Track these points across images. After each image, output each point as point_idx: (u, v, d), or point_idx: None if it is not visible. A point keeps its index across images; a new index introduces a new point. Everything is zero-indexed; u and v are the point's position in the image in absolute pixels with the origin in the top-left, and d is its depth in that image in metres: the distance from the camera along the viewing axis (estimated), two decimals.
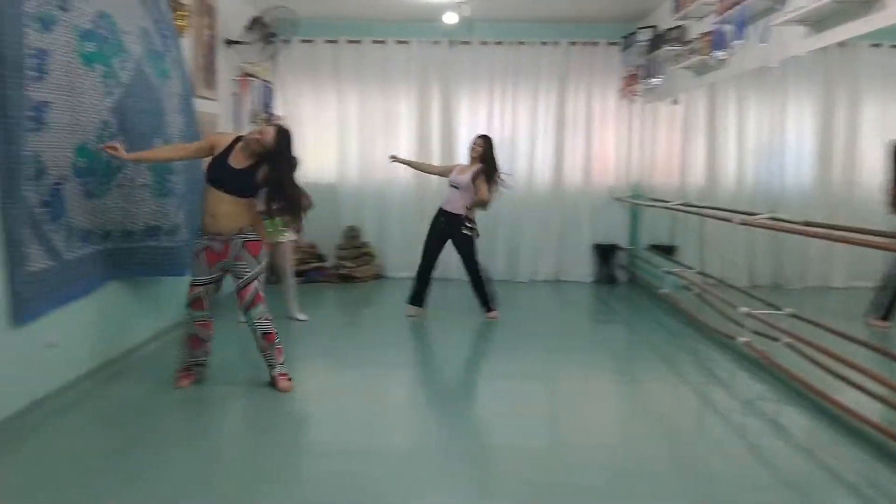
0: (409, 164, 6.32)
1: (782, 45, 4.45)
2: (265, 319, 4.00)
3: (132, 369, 4.39)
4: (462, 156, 7.30)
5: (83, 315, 4.06)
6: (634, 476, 3.06)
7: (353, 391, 4.24)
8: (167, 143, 4.52)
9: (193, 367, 4.08)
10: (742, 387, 4.37)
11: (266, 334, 4.01)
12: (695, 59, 5.65)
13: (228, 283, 4.10)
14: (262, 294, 3.99)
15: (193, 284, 3.97)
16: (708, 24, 5.50)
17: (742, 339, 4.62)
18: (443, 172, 6.15)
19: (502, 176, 5.86)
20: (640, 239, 7.74)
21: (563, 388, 4.40)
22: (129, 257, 4.41)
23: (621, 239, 7.95)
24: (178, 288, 4.62)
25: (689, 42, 5.93)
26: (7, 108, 3.25)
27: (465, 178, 5.76)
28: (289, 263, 5.71)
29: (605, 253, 7.89)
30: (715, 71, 5.57)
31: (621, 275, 7.94)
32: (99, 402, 3.86)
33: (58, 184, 3.63)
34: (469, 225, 5.77)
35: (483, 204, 5.75)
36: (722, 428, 3.81)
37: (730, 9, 4.90)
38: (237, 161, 3.86)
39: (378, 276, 7.85)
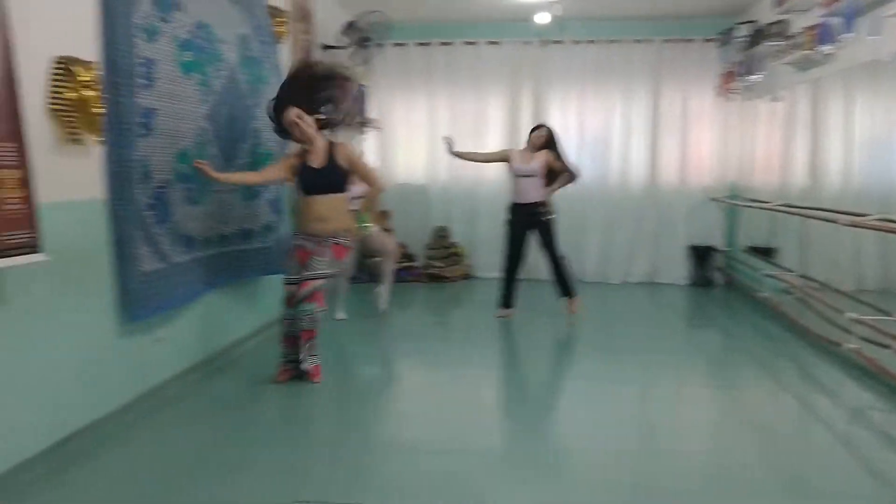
0: (463, 155, 6.07)
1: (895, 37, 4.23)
2: (312, 319, 4.08)
3: (233, 364, 4.58)
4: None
5: (188, 311, 4.25)
6: (731, 485, 2.97)
7: (442, 390, 4.29)
8: (256, 148, 4.69)
9: (291, 364, 4.21)
10: (848, 395, 4.18)
11: (307, 330, 4.08)
12: (798, 54, 5.43)
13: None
14: (321, 295, 4.09)
15: (286, 283, 4.13)
16: (813, 18, 5.27)
17: (849, 346, 4.40)
18: (501, 158, 6.01)
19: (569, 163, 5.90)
20: (738, 240, 7.49)
21: (656, 392, 4.31)
22: (228, 262, 4.57)
23: (717, 240, 7.71)
24: (274, 285, 4.78)
25: (792, 36, 5.70)
26: (121, 114, 3.44)
27: (536, 164, 5.75)
28: (390, 263, 5.83)
29: (700, 255, 7.67)
30: (820, 66, 5.34)
31: (717, 277, 7.71)
32: (201, 395, 4.05)
33: (161, 187, 3.81)
34: (549, 209, 5.79)
35: (573, 178, 5.88)
36: (826, 438, 3.64)
37: (837, 1, 4.68)
38: (317, 161, 4.11)
39: (467, 276, 7.89)
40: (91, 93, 3.15)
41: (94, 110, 3.18)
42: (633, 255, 7.81)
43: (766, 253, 6.66)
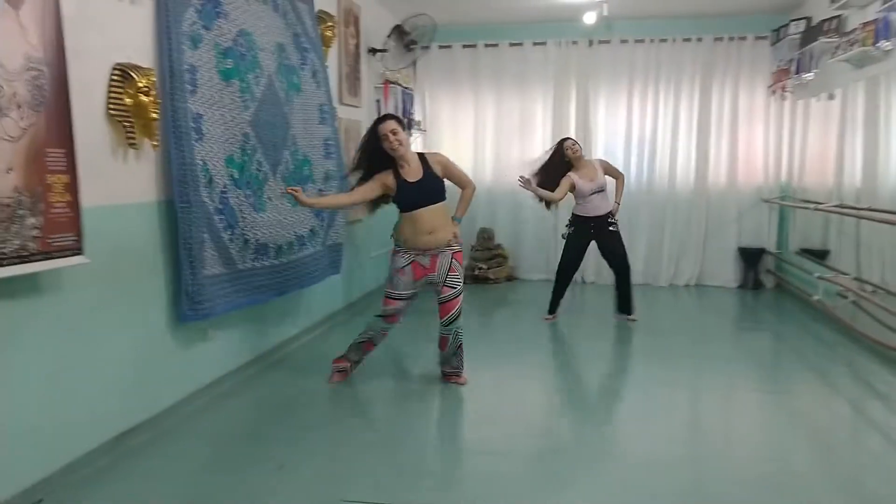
0: (536, 192, 5.60)
1: None
2: (461, 330, 4.14)
3: (284, 362, 4.65)
4: (602, 154, 7.25)
5: (241, 310, 4.32)
6: (784, 492, 2.91)
7: (492, 392, 4.30)
8: (295, 154, 4.68)
9: (352, 367, 4.29)
10: None
11: (461, 344, 4.17)
12: (855, 50, 5.30)
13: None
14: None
15: (394, 298, 4.08)
16: (872, 13, 5.14)
17: None
18: (571, 188, 5.70)
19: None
20: (789, 242, 7.33)
21: (705, 396, 4.25)
22: (293, 269, 4.62)
23: (768, 242, 7.56)
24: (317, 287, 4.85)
25: (849, 33, 5.56)
26: (178, 118, 3.53)
27: (601, 177, 5.75)
28: None
29: (750, 257, 7.53)
30: (878, 63, 5.20)
31: (768, 280, 7.56)
32: (254, 391, 4.13)
33: (224, 192, 3.89)
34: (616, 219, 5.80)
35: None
36: (882, 445, 3.54)
37: None
38: (412, 175, 4.01)
39: (511, 278, 7.88)
40: (147, 98, 3.23)
41: (151, 115, 3.27)
42: (681, 257, 7.71)
43: (819, 255, 6.50)
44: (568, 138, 5.93)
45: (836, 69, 5.92)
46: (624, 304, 5.85)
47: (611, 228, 5.74)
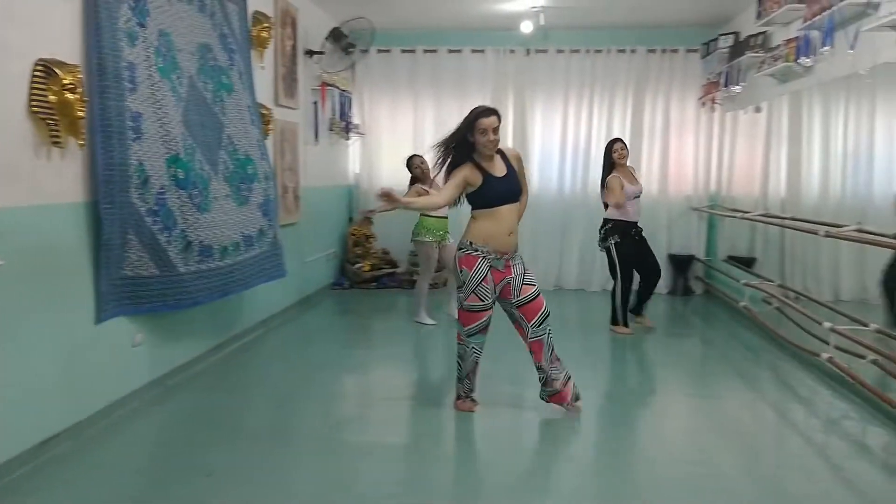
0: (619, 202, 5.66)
1: (873, 51, 4.29)
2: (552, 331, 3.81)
3: (215, 367, 4.55)
4: (538, 161, 7.33)
5: (175, 314, 4.20)
6: (710, 494, 2.99)
7: (422, 395, 4.29)
8: (239, 155, 4.58)
9: (471, 393, 3.93)
10: (824, 405, 4.22)
11: (552, 345, 3.80)
12: (779, 65, 5.50)
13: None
14: None
15: (483, 310, 3.70)
16: (794, 30, 5.34)
17: (825, 356, 4.45)
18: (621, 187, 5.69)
19: None
20: (718, 250, 7.56)
21: (634, 401, 4.33)
22: (238, 271, 4.53)
23: (698, 250, 7.78)
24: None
25: (774, 48, 5.77)
26: (109, 117, 3.42)
27: (641, 181, 5.98)
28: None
29: (680, 264, 7.73)
30: (800, 78, 5.41)
31: (697, 287, 7.78)
32: (184, 396, 4.02)
33: (161, 193, 3.78)
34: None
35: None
36: (803, 447, 3.68)
37: (818, 14, 4.75)
38: (498, 170, 3.70)
39: (448, 283, 7.88)
40: (73, 96, 3.12)
41: (77, 113, 3.16)
42: None
43: (746, 262, 6.72)
44: (618, 140, 5.92)
45: (762, 83, 6.14)
46: (642, 303, 5.99)
47: (643, 233, 5.87)
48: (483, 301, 3.66)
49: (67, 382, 3.33)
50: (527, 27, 6.93)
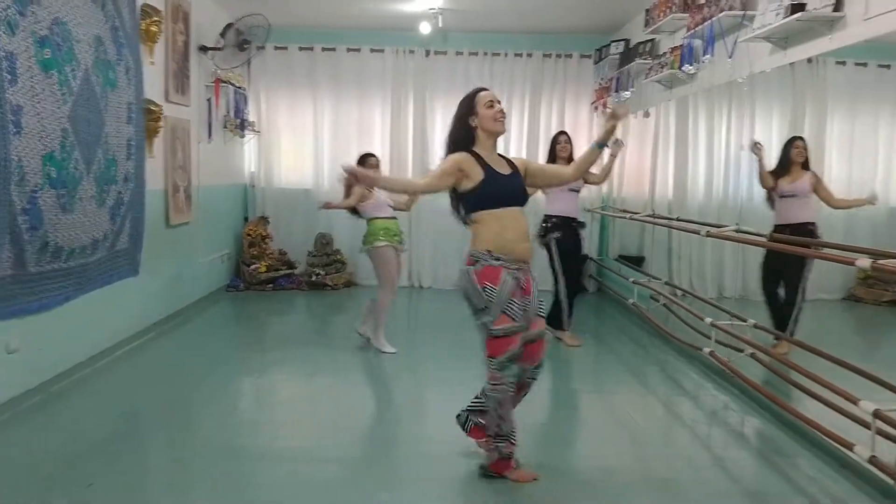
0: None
1: (749, 60, 4.53)
2: None
3: (98, 375, 4.35)
4: (438, 162, 7.35)
5: (50, 320, 3.99)
6: (600, 486, 3.08)
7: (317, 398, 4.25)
8: (109, 154, 4.37)
9: (513, 445, 3.12)
10: (707, 398, 4.42)
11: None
12: (665, 72, 5.73)
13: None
14: None
15: (515, 332, 2.99)
16: (678, 39, 5.58)
17: (707, 350, 4.67)
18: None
19: None
20: (609, 249, 7.81)
21: (527, 397, 4.40)
22: (88, 272, 4.31)
23: (590, 249, 8.00)
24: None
25: (660, 56, 6.01)
26: None
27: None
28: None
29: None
30: (685, 85, 5.66)
31: (590, 285, 8.00)
32: (64, 406, 3.82)
33: (35, 192, 3.57)
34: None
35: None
36: (688, 439, 3.86)
37: (700, 24, 4.97)
38: (503, 167, 3.19)
39: (349, 284, 7.83)
40: None
41: None
42: None
43: (635, 261, 6.98)
44: (563, 133, 5.76)
45: (650, 89, 6.38)
46: (569, 313, 5.59)
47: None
48: (517, 321, 2.98)
49: None
50: (425, 28, 6.95)
